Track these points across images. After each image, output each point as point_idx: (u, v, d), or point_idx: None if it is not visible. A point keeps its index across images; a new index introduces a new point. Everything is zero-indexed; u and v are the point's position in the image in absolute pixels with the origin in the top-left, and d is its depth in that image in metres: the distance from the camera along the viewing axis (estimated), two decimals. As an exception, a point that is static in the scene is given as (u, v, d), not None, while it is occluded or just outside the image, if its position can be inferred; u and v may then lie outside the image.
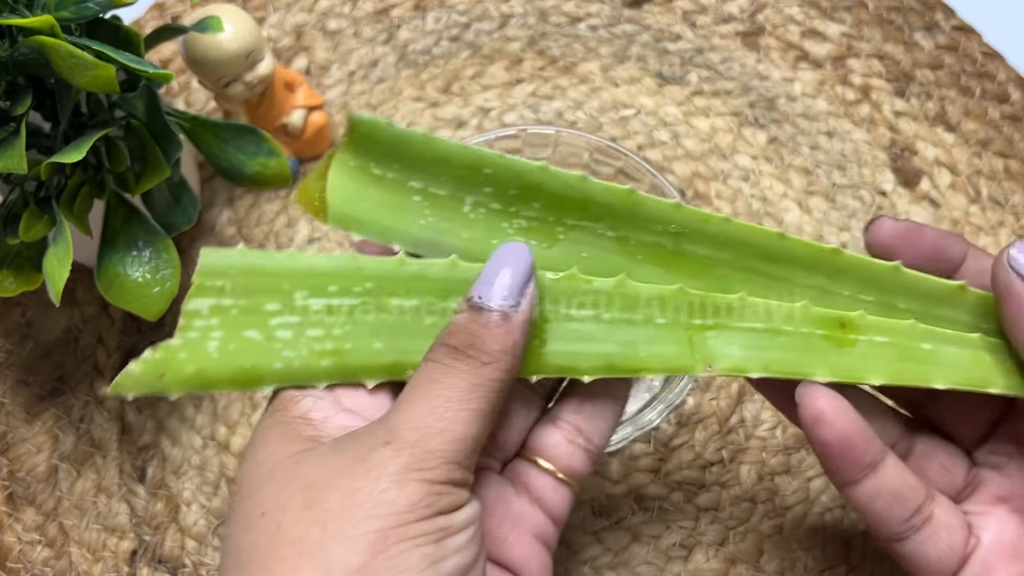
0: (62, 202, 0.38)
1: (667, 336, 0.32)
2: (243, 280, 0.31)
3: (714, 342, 0.33)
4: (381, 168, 0.33)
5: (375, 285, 0.32)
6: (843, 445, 0.31)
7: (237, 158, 0.42)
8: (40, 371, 0.49)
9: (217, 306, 0.31)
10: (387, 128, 0.32)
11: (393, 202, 0.33)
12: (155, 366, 0.30)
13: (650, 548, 0.45)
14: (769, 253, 0.33)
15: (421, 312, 0.32)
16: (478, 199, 0.33)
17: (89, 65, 0.33)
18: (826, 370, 0.32)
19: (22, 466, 0.47)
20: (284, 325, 0.31)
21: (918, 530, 0.32)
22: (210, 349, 0.31)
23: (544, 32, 0.57)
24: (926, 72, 0.55)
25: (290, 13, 0.57)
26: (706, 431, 0.47)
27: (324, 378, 0.31)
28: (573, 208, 0.33)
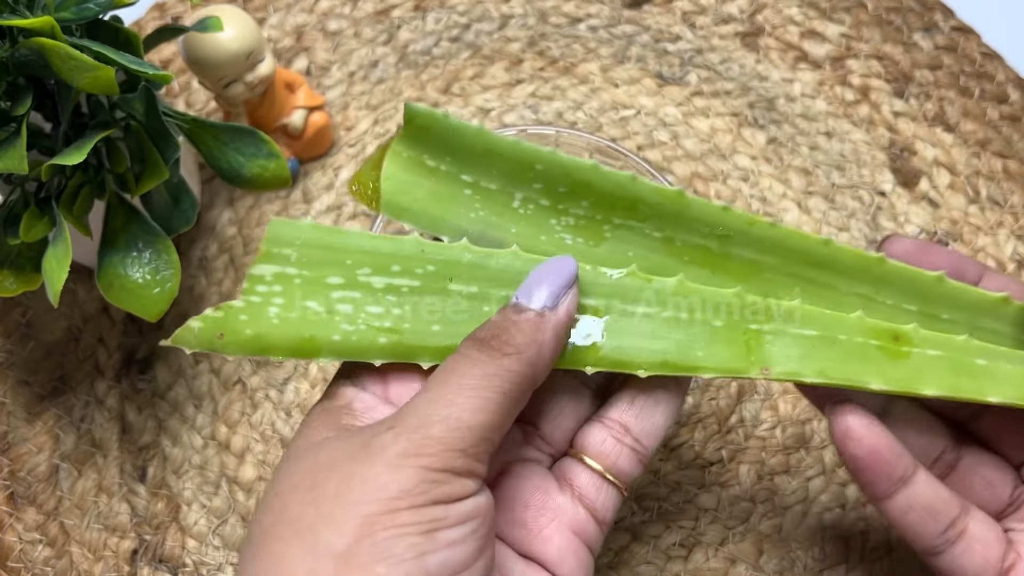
0: (62, 203, 0.38)
1: (724, 337, 0.33)
2: (309, 252, 0.32)
3: (770, 347, 0.33)
4: (434, 160, 0.34)
5: (437, 269, 0.32)
6: (872, 459, 0.32)
7: (236, 160, 0.43)
8: (41, 371, 0.49)
9: (281, 274, 0.32)
10: (443, 120, 0.33)
11: (445, 194, 0.34)
12: (215, 324, 0.31)
13: (650, 548, 0.45)
14: (815, 259, 0.34)
15: (480, 299, 0.32)
16: (528, 195, 0.34)
17: (89, 67, 0.33)
18: (881, 380, 0.32)
19: (23, 466, 0.47)
20: (345, 299, 0.32)
21: (953, 544, 0.33)
22: (271, 315, 0.31)
23: (544, 33, 0.57)
24: (925, 72, 0.55)
25: (290, 14, 0.57)
26: (706, 431, 0.47)
27: (380, 355, 0.32)
28: (621, 207, 0.34)
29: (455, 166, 0.34)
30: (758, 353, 0.33)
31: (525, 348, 0.30)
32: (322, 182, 0.53)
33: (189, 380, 0.49)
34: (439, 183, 0.34)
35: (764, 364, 0.33)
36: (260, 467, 0.47)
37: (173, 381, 0.49)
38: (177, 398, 0.48)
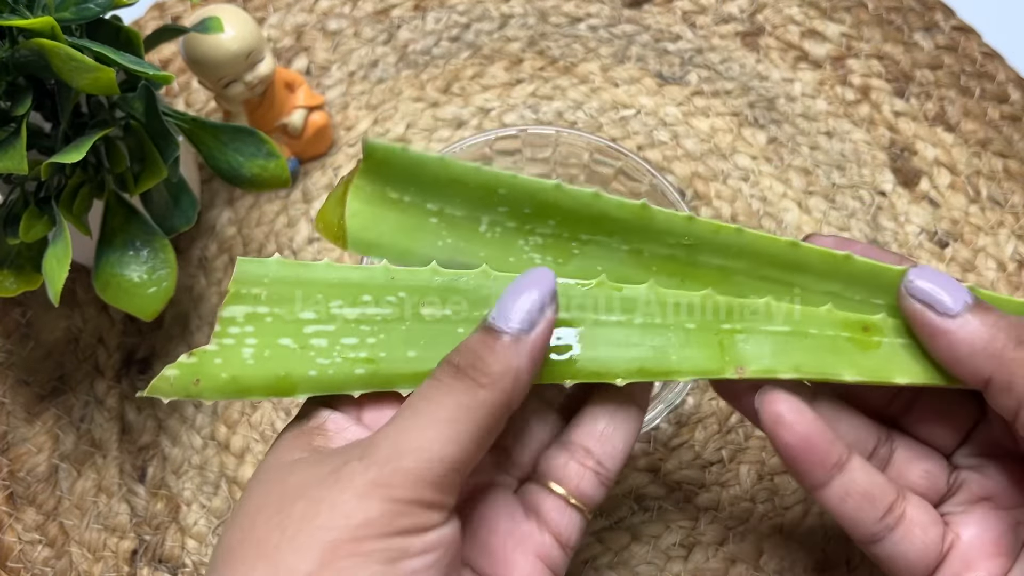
0: (61, 202, 0.38)
1: (698, 340, 0.33)
2: (278, 289, 0.32)
3: (743, 345, 0.33)
4: (398, 192, 0.33)
5: (408, 295, 0.32)
6: (804, 446, 0.32)
7: (236, 160, 0.42)
8: (40, 371, 0.49)
9: (252, 314, 0.31)
10: (401, 153, 0.33)
11: (411, 225, 0.34)
12: (190, 371, 0.31)
13: (650, 548, 0.45)
14: (783, 262, 0.34)
15: (453, 321, 0.32)
16: (494, 218, 0.34)
17: (89, 68, 0.33)
18: (853, 371, 0.33)
19: (22, 466, 0.47)
20: (319, 333, 0.32)
21: (892, 529, 0.33)
22: (245, 356, 0.31)
23: (544, 32, 0.57)
24: (925, 72, 0.55)
25: (290, 13, 0.57)
26: (706, 431, 0.47)
27: (358, 386, 0.31)
28: (587, 223, 0.34)
29: (419, 196, 0.33)
30: (732, 353, 0.33)
31: (501, 377, 0.29)
32: (322, 182, 0.53)
33: (189, 380, 0.49)
34: (404, 214, 0.34)
35: (738, 363, 0.33)
36: (260, 467, 0.47)
37: (173, 381, 0.49)
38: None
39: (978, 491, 0.34)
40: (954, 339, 0.31)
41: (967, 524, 0.34)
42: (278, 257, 0.32)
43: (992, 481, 0.34)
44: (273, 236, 0.51)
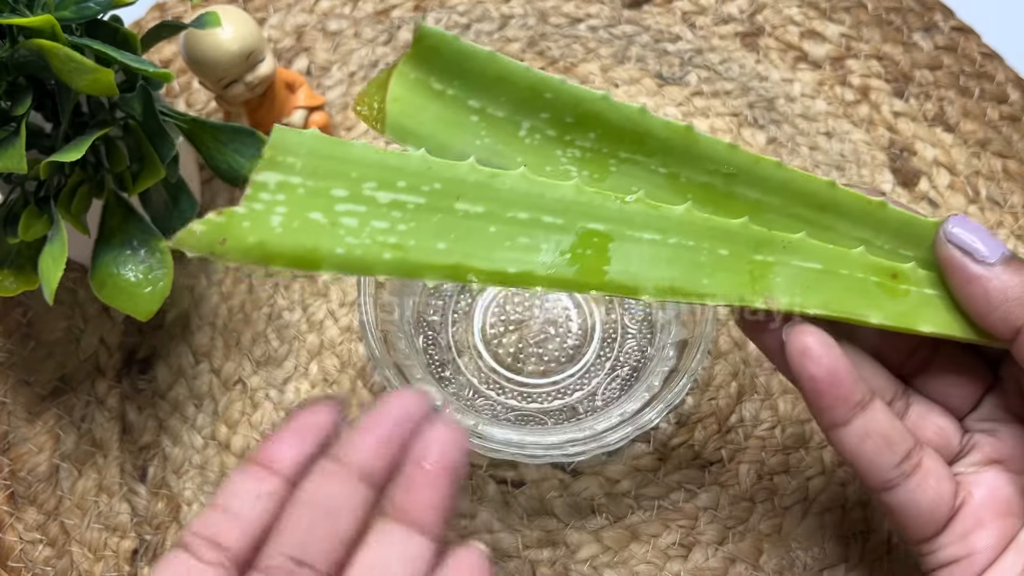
0: (60, 201, 0.38)
1: (730, 266, 0.33)
2: (314, 162, 0.30)
3: (775, 278, 0.33)
4: (442, 83, 0.33)
5: (443, 187, 0.31)
6: (830, 380, 0.32)
7: (235, 160, 0.43)
8: (41, 371, 0.49)
9: (285, 182, 0.30)
10: (453, 42, 0.32)
11: (451, 119, 0.33)
12: (217, 229, 0.29)
13: (649, 547, 0.45)
14: (818, 202, 0.34)
15: (486, 219, 0.31)
16: (535, 124, 0.33)
17: (88, 69, 0.33)
18: (880, 314, 0.33)
19: (23, 465, 0.47)
20: (350, 212, 0.30)
21: (908, 477, 0.33)
22: (273, 223, 0.30)
23: (544, 33, 0.57)
24: (925, 73, 0.55)
25: (291, 14, 0.57)
26: (705, 431, 0.47)
27: (384, 270, 0.31)
28: (629, 141, 0.33)
29: (463, 91, 0.33)
30: (762, 283, 0.33)
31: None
32: (322, 182, 0.53)
33: (189, 380, 0.49)
34: (445, 108, 0.33)
35: (768, 293, 0.33)
36: (260, 467, 0.47)
37: (173, 381, 0.49)
38: (177, 398, 0.48)
39: (991, 453, 0.34)
40: (990, 286, 0.31)
41: (979, 484, 0.34)
42: (316, 131, 0.31)
43: (1004, 444, 0.34)
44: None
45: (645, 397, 0.42)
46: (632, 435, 0.41)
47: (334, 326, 0.49)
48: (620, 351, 0.47)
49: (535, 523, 0.45)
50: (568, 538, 0.45)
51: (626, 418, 0.42)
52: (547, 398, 0.47)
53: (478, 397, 0.47)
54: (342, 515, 0.29)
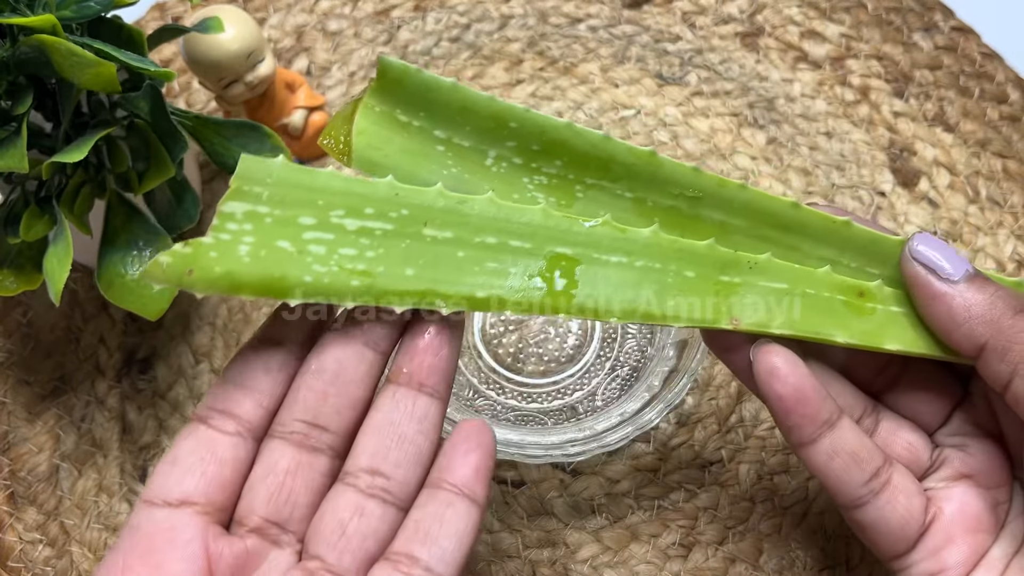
0: (62, 201, 0.38)
1: (696, 288, 0.33)
2: (280, 191, 0.31)
3: (740, 298, 0.33)
4: (407, 115, 0.33)
5: (411, 213, 0.31)
6: (797, 398, 0.32)
7: (240, 155, 0.43)
8: (41, 371, 0.49)
9: (252, 212, 0.30)
10: (416, 74, 0.32)
11: (417, 150, 0.33)
12: (184, 260, 0.29)
13: (649, 547, 0.45)
14: (782, 222, 0.34)
15: (454, 244, 0.32)
16: (501, 152, 0.33)
17: (89, 63, 0.33)
18: (846, 333, 0.33)
19: (23, 465, 0.47)
20: (317, 240, 0.31)
21: (877, 494, 0.33)
22: (241, 253, 0.30)
23: (544, 33, 0.57)
24: (925, 73, 0.55)
25: (291, 14, 0.57)
26: (705, 431, 0.47)
27: (352, 297, 0.31)
28: (594, 167, 0.33)
29: (428, 122, 0.33)
30: (728, 304, 0.33)
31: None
32: (322, 182, 0.53)
33: (189, 380, 0.49)
34: (411, 139, 0.33)
35: (734, 315, 0.33)
36: (260, 467, 0.47)
37: (173, 381, 0.49)
38: (177, 398, 0.48)
39: (960, 468, 0.34)
40: (953, 303, 0.31)
41: (949, 499, 0.34)
42: (282, 158, 0.31)
43: (974, 459, 0.34)
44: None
45: (645, 397, 0.43)
46: (632, 435, 0.41)
47: (334, 326, 0.49)
48: (620, 351, 0.47)
49: (535, 523, 0.45)
50: (568, 538, 0.45)
51: (626, 418, 0.42)
52: (547, 398, 0.47)
53: (478, 397, 0.47)
54: (351, 380, 0.31)
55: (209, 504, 0.30)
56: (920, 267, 0.32)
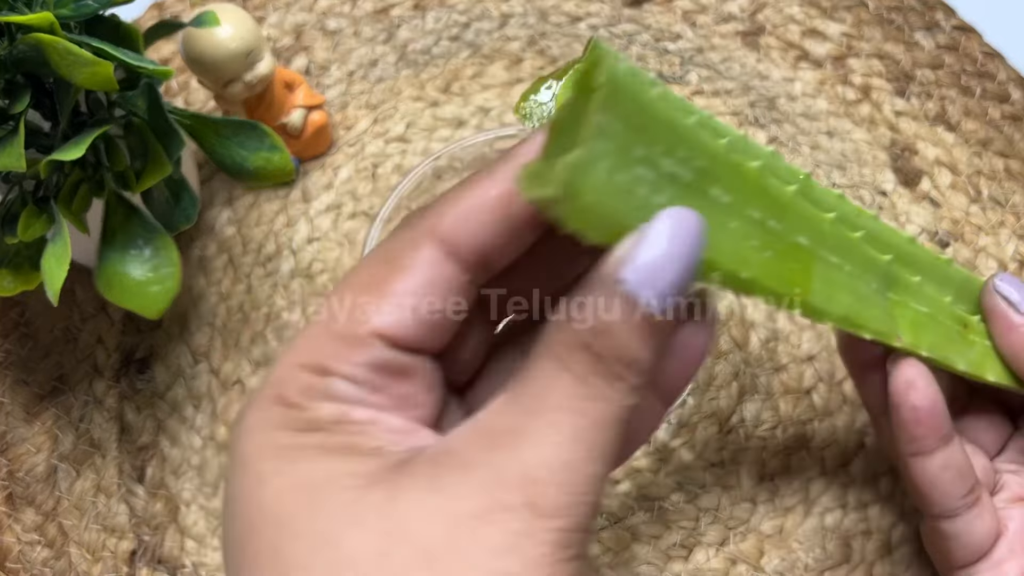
0: (60, 200, 0.38)
1: (878, 303, 0.34)
2: (625, 108, 0.25)
3: (900, 318, 0.34)
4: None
5: (706, 165, 0.26)
6: (929, 411, 0.34)
7: (239, 154, 0.42)
8: (39, 371, 0.49)
9: (608, 126, 0.24)
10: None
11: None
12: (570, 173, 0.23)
13: (650, 548, 0.45)
14: (900, 254, 0.35)
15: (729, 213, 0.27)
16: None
17: (87, 62, 0.33)
18: (964, 362, 0.36)
19: (21, 466, 0.47)
20: (642, 181, 0.25)
21: (970, 508, 0.36)
22: (601, 176, 0.24)
23: (544, 32, 0.56)
24: (926, 72, 0.55)
25: (290, 13, 0.57)
26: (706, 431, 0.47)
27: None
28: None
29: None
30: (895, 322, 0.34)
31: (646, 376, 0.23)
32: (321, 181, 0.53)
33: (188, 380, 0.49)
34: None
35: (899, 332, 0.34)
36: (259, 467, 0.47)
37: (172, 381, 0.49)
38: (176, 398, 0.48)
39: (1018, 491, 0.38)
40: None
41: (1012, 518, 0.37)
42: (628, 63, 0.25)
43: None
44: (272, 236, 0.51)
45: (646, 397, 0.42)
46: (634, 435, 0.41)
47: (333, 326, 0.49)
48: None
49: (536, 524, 0.45)
50: (569, 539, 0.45)
51: (627, 418, 0.41)
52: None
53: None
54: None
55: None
56: (1000, 300, 0.36)
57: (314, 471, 0.22)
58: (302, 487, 0.22)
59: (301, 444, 0.23)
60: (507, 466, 0.22)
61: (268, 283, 0.50)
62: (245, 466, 0.23)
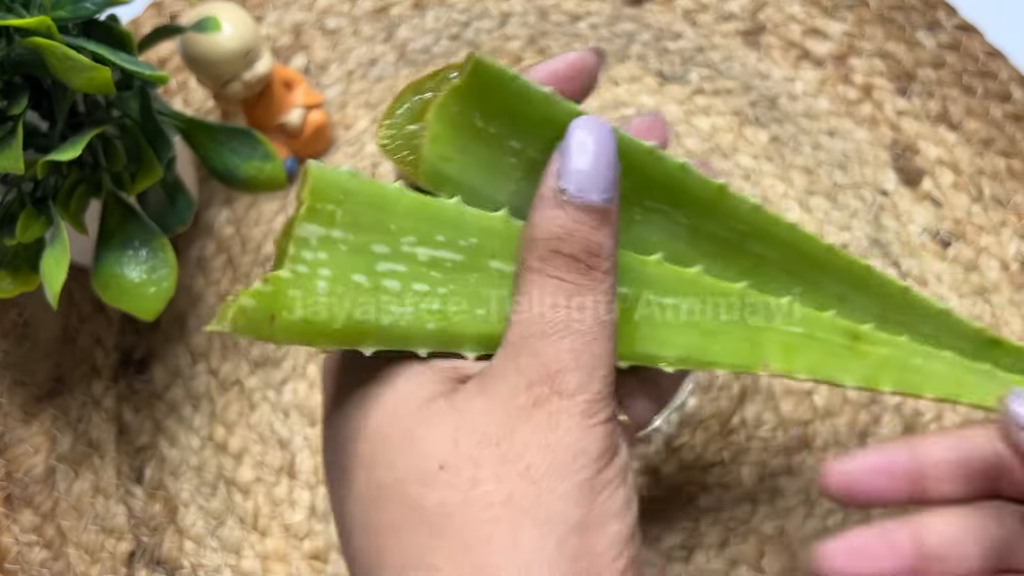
0: (58, 201, 0.38)
1: (733, 333, 0.33)
2: (353, 210, 0.27)
3: (769, 344, 0.33)
4: (485, 120, 0.29)
5: (479, 242, 0.28)
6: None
7: (232, 161, 0.42)
8: (38, 371, 0.49)
9: (327, 238, 0.27)
10: (512, 81, 0.28)
11: (487, 160, 0.29)
12: (266, 303, 0.26)
13: (651, 549, 0.45)
14: (813, 261, 0.34)
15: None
16: None
17: (84, 67, 0.33)
18: (850, 377, 0.34)
19: (19, 467, 0.47)
20: (392, 273, 0.27)
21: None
22: (319, 290, 0.26)
23: (544, 31, 0.56)
24: (928, 71, 0.55)
25: (288, 11, 0.57)
26: (707, 432, 0.47)
27: (426, 343, 0.28)
28: (659, 191, 0.31)
29: (506, 129, 0.29)
30: (759, 350, 0.33)
31: (613, 261, 0.28)
32: (321, 181, 0.52)
33: (187, 380, 0.48)
34: (483, 147, 0.29)
35: (765, 360, 0.33)
36: (258, 468, 0.47)
37: (170, 382, 0.48)
38: (174, 399, 0.48)
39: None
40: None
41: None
42: (348, 167, 0.27)
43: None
44: (272, 235, 0.51)
45: (647, 398, 0.42)
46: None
47: (333, 326, 0.49)
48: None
49: (536, 525, 0.45)
50: (569, 540, 0.45)
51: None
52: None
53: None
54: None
55: None
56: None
57: (417, 389, 0.28)
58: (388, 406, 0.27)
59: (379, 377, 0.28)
60: (533, 368, 0.27)
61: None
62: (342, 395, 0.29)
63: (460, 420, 0.26)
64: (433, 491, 0.26)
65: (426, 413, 0.27)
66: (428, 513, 0.26)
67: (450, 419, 0.27)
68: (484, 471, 0.26)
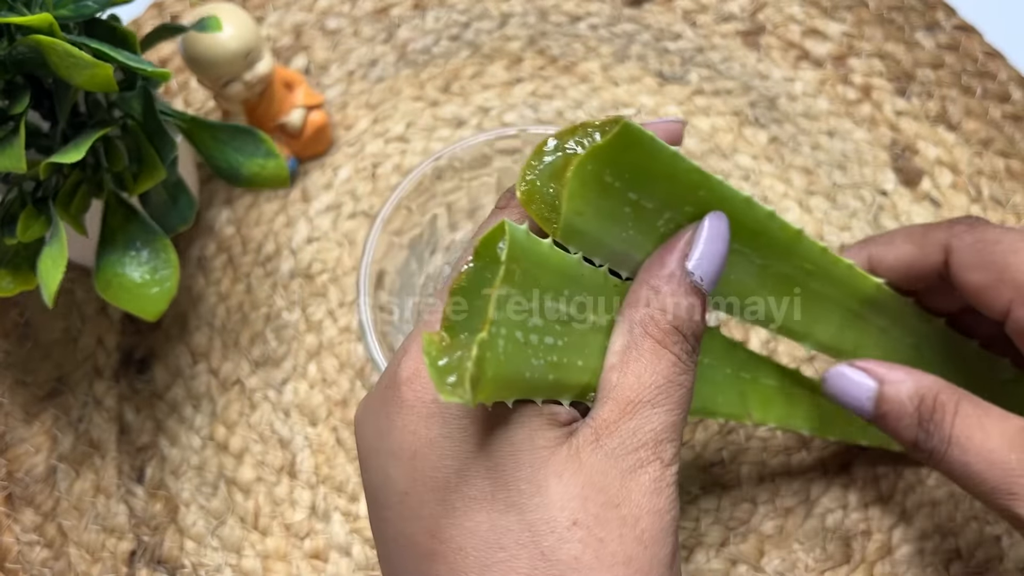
0: (58, 201, 0.38)
1: (731, 386, 0.38)
2: (525, 268, 0.27)
3: (752, 396, 0.39)
4: (613, 176, 0.29)
5: (588, 298, 0.30)
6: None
7: (235, 159, 0.42)
8: (39, 371, 0.49)
9: (507, 296, 0.27)
10: (650, 143, 0.29)
11: (608, 212, 0.30)
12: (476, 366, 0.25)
13: (650, 549, 0.45)
14: (863, 297, 0.38)
15: (606, 332, 0.30)
16: (673, 215, 0.31)
17: (87, 64, 0.33)
18: (806, 427, 0.42)
19: (20, 466, 0.47)
20: (536, 328, 0.28)
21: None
22: (499, 348, 0.26)
23: (544, 31, 0.56)
24: (927, 71, 0.55)
25: (289, 12, 0.57)
26: (707, 432, 0.47)
27: (546, 393, 0.29)
28: (744, 234, 0.33)
29: (628, 183, 0.30)
30: (745, 401, 0.38)
31: (697, 340, 0.31)
32: (321, 181, 0.52)
33: (187, 380, 0.48)
34: (607, 200, 0.30)
35: (750, 411, 0.38)
36: (258, 468, 0.47)
37: (171, 381, 0.48)
38: (175, 398, 0.48)
39: None
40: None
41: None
42: (526, 230, 0.28)
43: None
44: (272, 236, 0.51)
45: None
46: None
47: (333, 326, 0.49)
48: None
49: (536, 524, 0.45)
50: (569, 540, 0.45)
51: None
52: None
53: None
54: None
55: None
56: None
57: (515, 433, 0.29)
58: (505, 449, 0.28)
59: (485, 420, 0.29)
60: (643, 433, 0.29)
61: (268, 283, 0.50)
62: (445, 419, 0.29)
63: (586, 478, 0.28)
64: (567, 545, 0.27)
65: (552, 462, 0.28)
66: (562, 565, 0.27)
67: (577, 475, 0.28)
68: (609, 532, 0.28)
